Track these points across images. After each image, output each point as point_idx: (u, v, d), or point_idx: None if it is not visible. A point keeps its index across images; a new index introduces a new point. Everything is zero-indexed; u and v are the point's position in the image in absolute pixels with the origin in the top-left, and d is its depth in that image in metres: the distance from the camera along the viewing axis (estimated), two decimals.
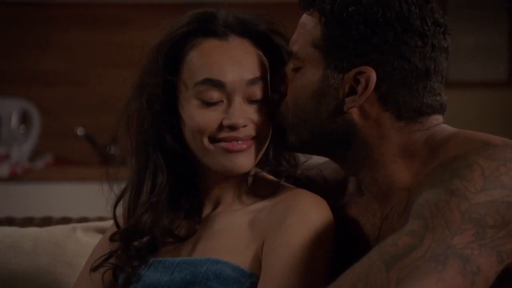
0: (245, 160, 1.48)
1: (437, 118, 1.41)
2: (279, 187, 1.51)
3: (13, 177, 3.76)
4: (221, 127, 1.46)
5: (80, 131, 3.92)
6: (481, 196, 1.23)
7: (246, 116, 1.46)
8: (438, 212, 1.22)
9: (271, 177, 1.55)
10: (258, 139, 1.49)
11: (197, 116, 1.47)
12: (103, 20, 4.33)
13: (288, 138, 1.44)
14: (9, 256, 1.85)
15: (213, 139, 1.47)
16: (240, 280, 1.43)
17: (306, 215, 1.43)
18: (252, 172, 1.53)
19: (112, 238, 1.56)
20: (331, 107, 1.38)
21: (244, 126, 1.46)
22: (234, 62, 1.46)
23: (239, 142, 1.47)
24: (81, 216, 1.99)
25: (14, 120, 4.15)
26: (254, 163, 1.50)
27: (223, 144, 1.47)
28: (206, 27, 1.48)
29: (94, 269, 1.54)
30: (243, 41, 1.48)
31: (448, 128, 1.41)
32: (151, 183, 1.51)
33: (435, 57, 1.37)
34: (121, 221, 1.56)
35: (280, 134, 1.46)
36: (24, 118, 4.19)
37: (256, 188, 1.53)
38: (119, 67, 3.90)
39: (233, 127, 1.46)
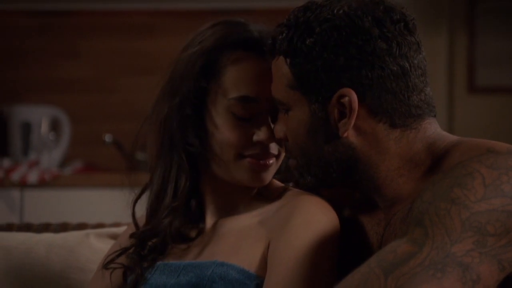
0: (268, 176, 1.52)
1: (430, 122, 1.41)
2: (286, 190, 1.53)
3: (42, 184, 3.79)
4: (250, 142, 1.49)
5: (108, 137, 3.94)
6: (481, 205, 1.22)
7: (272, 133, 1.49)
8: (438, 221, 1.22)
9: (279, 183, 1.57)
10: (279, 155, 1.52)
11: (228, 131, 1.49)
12: (131, 28, 4.35)
13: (306, 180, 1.45)
14: (24, 262, 1.87)
15: (241, 155, 1.49)
16: (245, 282, 1.44)
17: (311, 216, 1.44)
18: None
19: (131, 237, 1.57)
20: (328, 138, 1.39)
21: (272, 141, 1.49)
22: (269, 80, 1.47)
23: (264, 160, 1.49)
24: (97, 222, 2.01)
25: (44, 127, 4.18)
26: (273, 174, 1.53)
27: (249, 160, 1.49)
28: (245, 40, 1.49)
29: (106, 265, 1.57)
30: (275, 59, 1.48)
31: (450, 136, 1.40)
32: (174, 186, 1.53)
33: (405, 53, 1.37)
34: (141, 222, 1.58)
35: (300, 178, 1.47)
36: (54, 125, 4.22)
37: (263, 193, 1.55)
38: (147, 74, 3.91)
39: (262, 143, 1.48)
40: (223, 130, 1.49)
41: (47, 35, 4.38)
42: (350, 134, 1.38)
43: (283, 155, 1.52)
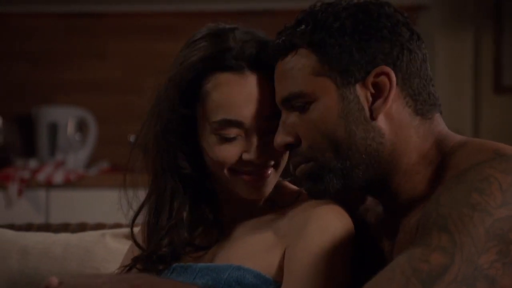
0: (267, 188, 1.50)
1: (440, 117, 1.42)
2: (300, 195, 1.52)
3: (67, 184, 3.82)
4: (241, 160, 1.47)
5: (133, 138, 3.95)
6: (502, 211, 1.22)
7: (264, 148, 1.46)
8: (463, 228, 1.21)
9: (293, 186, 1.56)
10: (276, 165, 1.49)
11: (217, 151, 1.47)
12: (157, 30, 4.37)
13: (326, 179, 1.40)
14: (41, 261, 1.88)
15: (234, 171, 1.48)
16: (261, 287, 1.44)
17: (326, 222, 1.44)
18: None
19: (134, 261, 1.57)
20: (360, 121, 1.37)
21: (264, 159, 1.46)
22: (251, 100, 1.45)
23: (259, 175, 1.47)
24: (114, 223, 2.02)
25: (71, 128, 4.21)
26: (270, 189, 1.51)
27: (244, 177, 1.48)
28: (222, 61, 1.45)
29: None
30: (259, 75, 1.46)
31: (456, 136, 1.41)
32: (169, 207, 1.52)
33: (421, 44, 1.40)
34: (139, 237, 1.58)
35: (311, 184, 1.43)
36: (81, 126, 4.24)
37: (277, 197, 1.54)
38: None
39: (253, 162, 1.46)
40: (212, 151, 1.47)
41: (74, 36, 4.41)
42: (380, 119, 1.37)
43: (283, 163, 1.50)
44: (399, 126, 1.38)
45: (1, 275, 1.90)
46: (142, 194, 1.57)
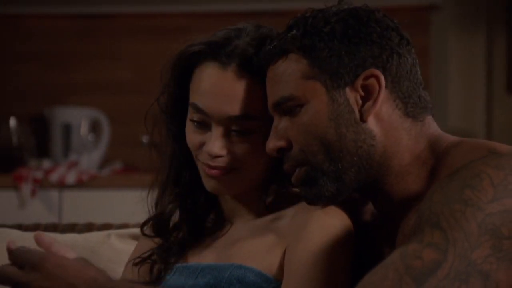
0: (220, 186, 1.51)
1: (432, 119, 1.43)
2: (301, 197, 1.52)
3: (80, 184, 3.84)
4: (201, 149, 1.50)
5: (145, 138, 3.97)
6: (494, 206, 1.22)
7: (225, 146, 1.48)
8: (455, 223, 1.21)
9: (294, 190, 1.55)
10: (237, 171, 1.50)
11: (187, 133, 1.51)
12: (170, 30, 4.38)
13: (320, 183, 1.41)
14: None
15: (197, 158, 1.51)
16: (262, 285, 1.46)
17: (326, 222, 1.45)
18: (272, 190, 1.55)
19: (142, 229, 1.63)
20: (350, 123, 1.38)
21: (221, 156, 1.48)
22: (225, 95, 1.47)
23: (210, 170, 1.49)
24: (121, 223, 2.03)
25: (84, 129, 4.23)
26: (235, 190, 1.53)
27: (203, 165, 1.50)
28: (215, 52, 1.48)
29: (137, 263, 1.61)
30: (244, 76, 1.47)
31: (450, 136, 1.42)
32: (175, 177, 1.57)
33: (411, 48, 1.41)
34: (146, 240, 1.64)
35: (307, 189, 1.43)
36: (94, 127, 4.26)
37: (276, 203, 1.55)
38: None
39: (210, 155, 1.48)
40: (186, 132, 1.52)
41: (87, 37, 4.43)
42: (370, 121, 1.38)
43: (251, 168, 1.50)
44: (389, 128, 1.38)
45: None
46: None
